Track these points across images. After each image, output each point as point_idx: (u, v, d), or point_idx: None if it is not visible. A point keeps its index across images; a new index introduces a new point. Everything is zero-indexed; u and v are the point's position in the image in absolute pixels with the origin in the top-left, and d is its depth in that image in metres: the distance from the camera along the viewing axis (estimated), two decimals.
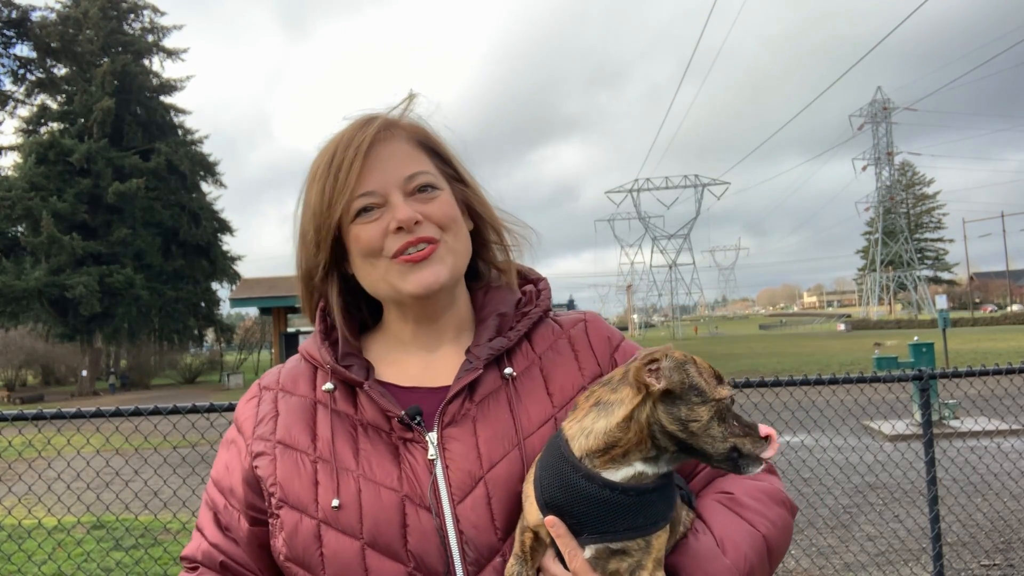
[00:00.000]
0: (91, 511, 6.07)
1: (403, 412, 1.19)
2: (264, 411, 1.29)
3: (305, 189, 1.27)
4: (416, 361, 1.30)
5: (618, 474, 1.04)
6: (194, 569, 1.28)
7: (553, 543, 1.07)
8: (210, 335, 54.94)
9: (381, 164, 1.21)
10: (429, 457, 1.16)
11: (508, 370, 1.24)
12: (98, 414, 4.06)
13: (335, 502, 1.14)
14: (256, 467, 1.23)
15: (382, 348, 1.34)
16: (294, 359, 1.37)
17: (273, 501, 1.20)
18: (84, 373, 38.83)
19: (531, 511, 1.08)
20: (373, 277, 1.24)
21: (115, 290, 39.87)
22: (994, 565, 6.24)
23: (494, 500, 1.14)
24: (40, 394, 36.13)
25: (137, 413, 4.04)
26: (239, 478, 1.25)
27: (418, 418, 1.19)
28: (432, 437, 1.18)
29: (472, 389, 1.22)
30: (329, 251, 1.25)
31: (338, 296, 1.31)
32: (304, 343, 1.36)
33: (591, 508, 1.03)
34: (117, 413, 4.04)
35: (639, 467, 1.04)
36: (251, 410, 1.31)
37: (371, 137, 1.21)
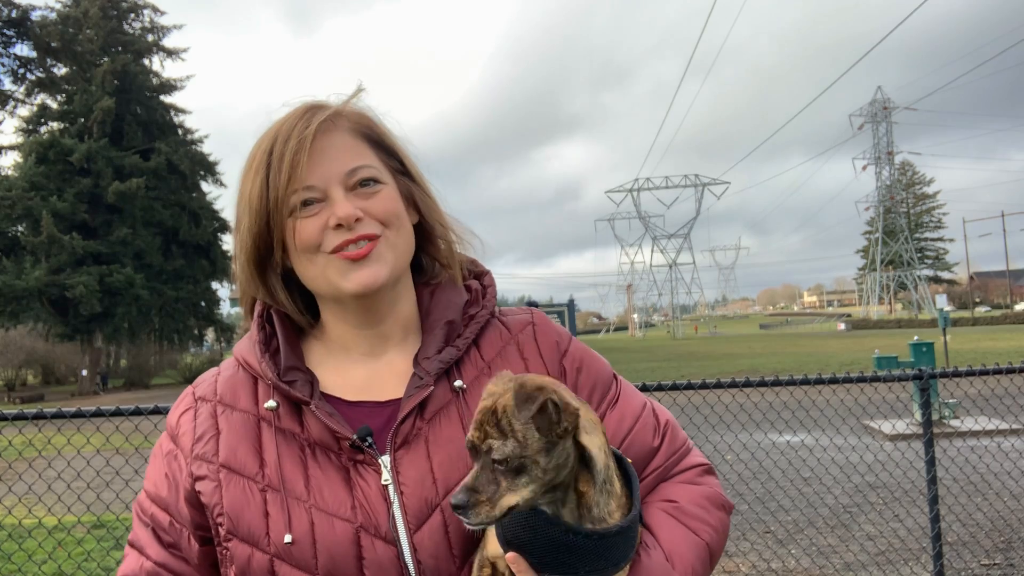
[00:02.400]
0: (91, 510, 6.07)
1: (354, 436, 1.14)
2: (202, 427, 1.22)
3: (241, 177, 1.22)
4: (361, 370, 1.25)
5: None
6: None
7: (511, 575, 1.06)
8: (210, 335, 54.93)
9: (322, 157, 1.17)
10: (383, 482, 1.13)
11: (458, 383, 1.21)
12: (98, 414, 4.06)
13: (288, 537, 1.10)
14: (199, 492, 1.18)
15: (323, 353, 1.28)
16: (231, 365, 1.30)
17: (221, 532, 1.15)
18: (84, 373, 38.83)
19: (492, 543, 1.07)
20: (312, 273, 1.19)
21: (115, 290, 39.85)
22: (994, 565, 6.24)
23: (451, 527, 1.11)
24: (40, 394, 36.14)
25: (137, 413, 4.04)
26: (181, 496, 1.19)
27: (369, 439, 1.15)
28: (386, 461, 1.14)
29: (422, 406, 1.18)
30: (266, 243, 1.20)
31: (282, 290, 1.26)
32: (239, 347, 1.29)
33: (553, 551, 1.02)
34: (117, 413, 4.05)
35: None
36: (187, 423, 1.24)
37: (313, 128, 1.16)
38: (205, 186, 48.12)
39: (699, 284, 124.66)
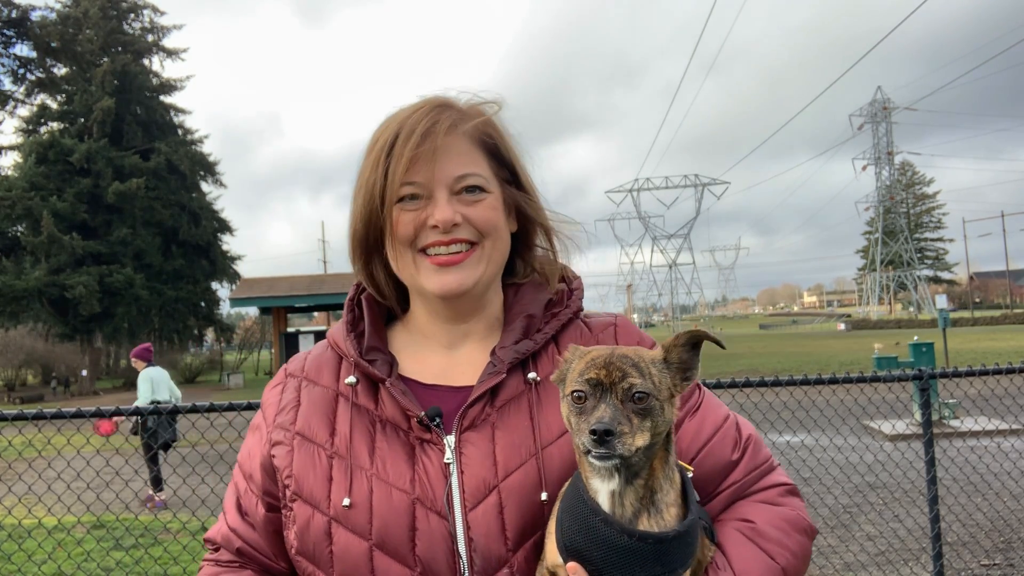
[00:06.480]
0: (91, 511, 6.07)
1: (423, 413, 1.18)
2: (287, 399, 1.30)
3: (363, 156, 1.27)
4: (439, 358, 1.30)
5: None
6: (216, 550, 1.31)
7: None
8: (210, 335, 54.94)
9: (435, 158, 1.20)
10: (445, 460, 1.15)
11: (532, 375, 1.23)
12: (98, 414, 4.06)
13: (346, 501, 1.14)
14: (273, 455, 1.24)
15: (405, 340, 1.34)
16: (322, 345, 1.37)
17: (287, 493, 1.21)
18: (84, 373, 38.77)
19: (551, 551, 1.07)
20: (402, 264, 1.26)
21: (115, 290, 39.84)
22: (994, 565, 6.24)
23: (506, 509, 1.12)
24: (40, 394, 36.09)
25: (137, 413, 4.04)
26: (258, 464, 1.27)
27: (437, 419, 1.18)
28: (450, 440, 1.17)
29: (494, 393, 1.21)
30: (374, 228, 1.26)
31: (384, 275, 1.33)
32: (332, 330, 1.36)
33: (609, 554, 1.02)
34: (117, 413, 4.05)
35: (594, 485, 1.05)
36: (275, 396, 1.32)
37: (439, 129, 1.19)
38: (205, 186, 48.19)
39: (699, 284, 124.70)
